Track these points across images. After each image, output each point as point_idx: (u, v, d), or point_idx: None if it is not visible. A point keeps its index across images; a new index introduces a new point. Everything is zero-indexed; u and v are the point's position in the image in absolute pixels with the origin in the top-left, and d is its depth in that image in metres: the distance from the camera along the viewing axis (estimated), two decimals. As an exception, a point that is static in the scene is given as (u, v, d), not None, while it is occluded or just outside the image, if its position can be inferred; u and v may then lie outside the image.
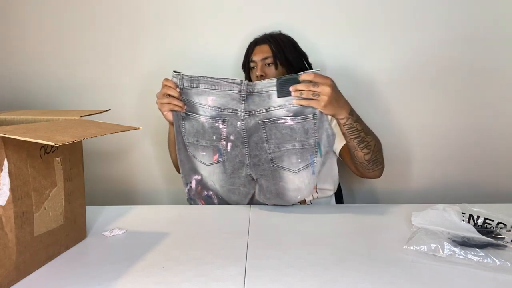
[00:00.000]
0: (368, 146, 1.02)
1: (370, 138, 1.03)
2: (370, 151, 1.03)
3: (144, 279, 0.70)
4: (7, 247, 0.67)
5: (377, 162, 1.08)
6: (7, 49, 1.70)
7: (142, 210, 1.12)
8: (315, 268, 0.73)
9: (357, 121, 1.00)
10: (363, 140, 1.01)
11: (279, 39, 1.31)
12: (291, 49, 1.31)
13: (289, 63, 1.29)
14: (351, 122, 0.98)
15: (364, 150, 1.03)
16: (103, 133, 0.71)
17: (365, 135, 1.01)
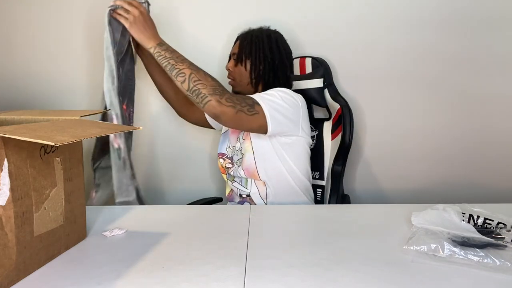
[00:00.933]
0: (181, 74, 1.08)
1: (182, 66, 1.08)
2: (185, 79, 1.07)
3: (144, 279, 0.70)
4: (7, 247, 0.67)
5: (198, 92, 1.07)
6: (7, 49, 1.70)
7: (142, 210, 1.12)
8: (315, 268, 0.73)
9: (167, 50, 1.11)
10: (174, 67, 1.08)
11: (252, 36, 1.32)
12: (258, 48, 1.30)
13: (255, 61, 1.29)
14: (159, 50, 1.11)
15: (178, 78, 1.08)
16: (103, 133, 0.71)
17: (175, 62, 1.09)
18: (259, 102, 1.14)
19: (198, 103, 1.09)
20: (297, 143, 1.28)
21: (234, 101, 1.10)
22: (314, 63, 1.53)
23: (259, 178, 1.28)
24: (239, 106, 1.10)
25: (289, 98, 1.23)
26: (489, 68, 1.58)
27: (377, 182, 1.71)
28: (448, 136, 1.64)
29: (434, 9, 1.56)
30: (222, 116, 1.09)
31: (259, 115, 1.13)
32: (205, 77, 1.10)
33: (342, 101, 1.45)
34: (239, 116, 1.10)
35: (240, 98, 1.13)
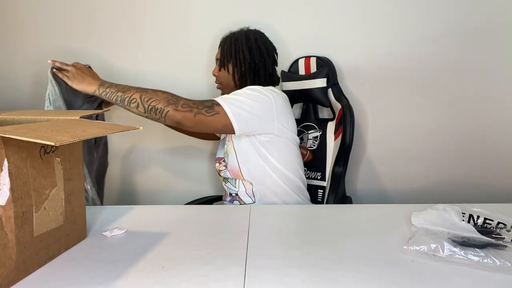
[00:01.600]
0: (133, 100, 1.11)
1: (130, 93, 1.11)
2: (138, 103, 1.10)
3: (144, 279, 0.70)
4: (7, 247, 0.67)
5: (155, 109, 1.09)
6: (7, 49, 1.70)
7: (142, 210, 1.12)
8: (315, 268, 0.73)
9: (110, 86, 1.15)
10: (123, 97, 1.12)
11: (231, 40, 1.33)
12: (237, 50, 1.31)
13: (236, 64, 1.31)
14: (103, 89, 1.15)
15: (131, 105, 1.12)
16: (103, 133, 0.71)
17: (122, 93, 1.12)
18: (219, 102, 1.15)
19: (158, 119, 1.11)
20: (277, 140, 1.25)
21: (190, 105, 1.12)
22: (319, 63, 1.53)
23: (243, 178, 1.28)
24: (196, 109, 1.12)
25: (256, 94, 1.20)
26: (489, 69, 1.58)
27: (378, 182, 1.71)
28: (449, 136, 1.64)
29: (437, 12, 1.56)
30: (183, 122, 1.11)
31: (220, 115, 1.14)
32: (155, 94, 1.12)
33: (344, 101, 1.45)
34: (199, 118, 1.12)
35: (197, 101, 1.14)
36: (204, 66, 1.64)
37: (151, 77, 1.68)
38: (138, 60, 1.67)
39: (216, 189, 1.75)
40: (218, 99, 1.17)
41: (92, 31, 1.66)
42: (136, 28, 1.65)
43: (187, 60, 1.66)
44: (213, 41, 1.63)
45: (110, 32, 1.66)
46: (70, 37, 1.67)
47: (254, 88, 1.23)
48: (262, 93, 1.22)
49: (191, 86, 1.68)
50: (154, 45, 1.66)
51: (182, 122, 1.11)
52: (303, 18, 1.60)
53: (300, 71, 1.57)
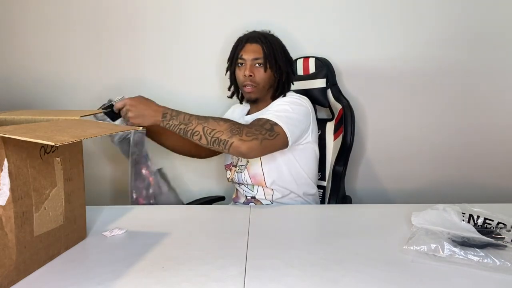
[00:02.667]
0: (196, 133, 1.07)
1: (192, 125, 1.08)
2: (201, 136, 1.07)
3: (144, 279, 0.70)
4: (7, 247, 0.67)
5: (219, 141, 1.06)
6: (7, 49, 1.70)
7: (142, 210, 1.12)
8: (315, 268, 0.73)
9: (172, 119, 1.10)
10: (186, 130, 1.08)
11: (271, 41, 1.30)
12: (281, 53, 1.30)
13: (278, 67, 1.28)
14: (166, 123, 1.10)
15: (194, 137, 1.08)
16: (103, 133, 0.71)
17: (185, 126, 1.08)
18: (277, 122, 1.13)
19: (222, 150, 1.08)
20: (308, 146, 1.28)
21: (254, 132, 1.08)
22: (318, 64, 1.53)
23: (266, 186, 1.28)
24: (261, 135, 1.08)
25: (300, 108, 1.23)
26: (489, 70, 1.58)
27: (378, 182, 1.71)
28: (449, 136, 1.64)
29: (437, 12, 1.56)
30: (250, 153, 1.08)
31: (280, 135, 1.13)
32: (217, 124, 1.08)
33: (344, 101, 1.45)
34: (265, 144, 1.09)
35: (257, 126, 1.11)
36: (213, 69, 1.64)
37: (160, 81, 1.68)
38: (162, 60, 1.67)
39: (217, 189, 1.75)
40: (273, 118, 1.14)
41: (95, 32, 1.66)
42: (142, 29, 1.65)
43: (191, 62, 1.66)
44: (211, 44, 1.63)
45: (114, 33, 1.66)
46: (70, 37, 1.67)
47: (295, 101, 1.24)
48: (302, 104, 1.24)
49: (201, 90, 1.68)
50: (157, 48, 1.66)
51: (247, 153, 1.08)
52: (301, 19, 1.60)
53: (298, 72, 1.57)
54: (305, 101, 1.28)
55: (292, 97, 1.27)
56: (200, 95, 1.68)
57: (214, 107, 1.69)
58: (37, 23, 1.67)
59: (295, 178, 1.28)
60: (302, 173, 1.29)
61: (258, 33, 1.31)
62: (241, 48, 1.29)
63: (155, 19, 1.64)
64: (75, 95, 1.70)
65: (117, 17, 1.65)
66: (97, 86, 1.69)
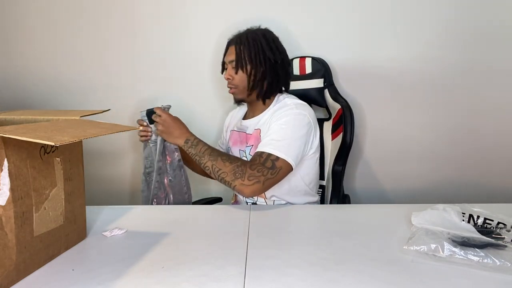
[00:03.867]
0: (206, 167, 1.15)
1: (205, 160, 1.15)
2: (210, 171, 1.14)
3: (144, 279, 0.70)
4: (7, 247, 0.67)
5: (224, 181, 1.11)
6: (7, 49, 1.70)
7: (142, 210, 1.12)
8: (315, 268, 0.73)
9: (191, 147, 1.18)
10: (200, 161, 1.16)
11: (249, 39, 1.26)
12: (258, 51, 1.25)
13: (252, 66, 1.25)
14: (187, 149, 1.19)
15: (206, 170, 1.16)
16: (103, 133, 0.71)
17: (199, 158, 1.16)
18: (278, 155, 1.12)
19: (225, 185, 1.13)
20: (310, 158, 1.26)
21: (255, 175, 1.09)
22: (314, 64, 1.53)
23: (265, 197, 1.28)
24: (263, 177, 1.09)
25: (302, 129, 1.19)
26: (489, 69, 1.58)
27: (377, 182, 1.71)
28: (448, 136, 1.64)
29: (435, 12, 1.56)
30: (253, 195, 1.11)
31: (283, 168, 1.12)
32: (223, 164, 1.12)
33: (343, 102, 1.45)
34: (267, 184, 1.10)
35: (259, 166, 1.10)
36: (208, 68, 1.64)
37: (154, 79, 1.68)
38: (162, 60, 1.67)
39: (217, 190, 1.75)
40: (274, 152, 1.12)
41: (95, 33, 1.66)
42: (143, 30, 1.65)
43: (190, 63, 1.66)
44: (208, 42, 1.63)
45: (114, 34, 1.66)
46: (71, 38, 1.67)
47: (296, 118, 1.20)
48: (304, 121, 1.20)
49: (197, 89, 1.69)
50: (156, 48, 1.66)
51: (251, 195, 1.11)
52: (298, 18, 1.60)
53: (295, 72, 1.57)
54: (306, 109, 1.23)
55: (292, 110, 1.21)
56: (200, 94, 1.69)
57: (214, 106, 1.70)
58: (39, 24, 1.67)
59: (294, 190, 1.27)
60: (301, 184, 1.27)
61: (239, 34, 1.30)
62: (225, 52, 1.32)
63: (155, 22, 1.64)
64: (76, 95, 1.70)
65: (121, 17, 1.65)
66: (97, 87, 1.70)
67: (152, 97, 1.68)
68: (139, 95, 1.69)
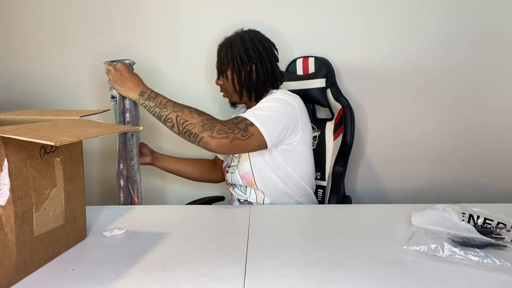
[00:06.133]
0: (169, 119, 1.07)
1: (167, 112, 1.08)
2: (173, 124, 1.07)
3: (144, 279, 0.70)
4: (7, 247, 0.67)
5: (189, 133, 1.06)
6: (7, 49, 1.70)
7: (142, 210, 1.12)
8: (315, 268, 0.73)
9: (148, 99, 1.11)
10: (161, 115, 1.09)
11: (227, 44, 1.28)
12: (234, 54, 1.25)
13: (233, 70, 1.26)
14: (142, 102, 1.12)
15: (167, 124, 1.09)
16: (103, 133, 0.71)
17: (159, 110, 1.08)
18: (253, 121, 1.11)
19: (192, 142, 1.08)
20: (298, 148, 1.24)
21: (226, 130, 1.07)
22: (317, 63, 1.53)
23: (257, 187, 1.27)
24: (232, 134, 1.07)
25: (284, 106, 1.18)
26: (490, 69, 1.58)
27: (378, 182, 1.71)
28: (448, 136, 1.64)
29: (437, 12, 1.56)
30: (218, 149, 1.07)
31: (255, 136, 1.10)
32: (191, 116, 1.07)
33: (344, 101, 1.45)
34: (235, 143, 1.07)
35: (231, 124, 1.09)
36: (204, 70, 1.64)
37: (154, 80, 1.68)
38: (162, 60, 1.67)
39: (217, 189, 1.75)
40: (250, 118, 1.11)
41: (95, 32, 1.66)
42: (143, 29, 1.65)
43: (187, 64, 1.67)
44: (212, 44, 1.63)
45: (114, 33, 1.66)
46: (70, 38, 1.67)
47: (279, 98, 1.20)
48: (288, 102, 1.20)
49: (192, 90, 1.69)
50: (155, 49, 1.66)
51: (216, 150, 1.07)
52: (300, 18, 1.60)
53: (298, 71, 1.57)
54: (293, 98, 1.22)
55: (277, 95, 1.23)
56: (201, 94, 1.69)
57: (215, 110, 1.70)
58: (38, 24, 1.67)
59: (285, 182, 1.25)
60: (293, 176, 1.26)
61: (223, 39, 1.32)
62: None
63: (154, 20, 1.64)
64: (76, 95, 1.70)
65: (121, 17, 1.65)
66: (97, 87, 1.69)
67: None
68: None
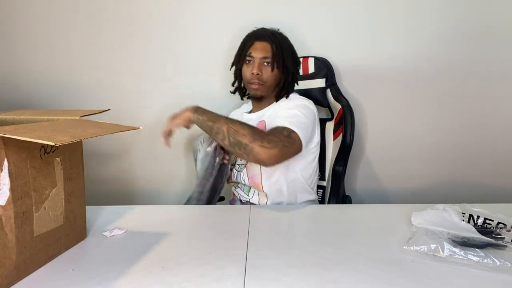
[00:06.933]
0: (220, 132, 1.08)
1: (219, 124, 1.09)
2: (224, 136, 1.07)
3: (144, 279, 0.70)
4: (7, 247, 0.67)
5: (240, 144, 1.06)
6: (7, 50, 1.70)
7: (142, 210, 1.12)
8: (315, 268, 0.73)
9: (202, 114, 1.12)
10: (212, 127, 1.09)
11: (280, 40, 1.29)
12: (289, 53, 1.29)
13: (286, 67, 1.28)
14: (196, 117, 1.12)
15: (218, 136, 1.09)
16: (103, 133, 0.71)
17: (212, 123, 1.10)
18: (293, 129, 1.13)
19: (242, 154, 1.08)
20: (310, 151, 1.27)
21: (274, 140, 1.08)
22: (317, 63, 1.53)
23: (262, 190, 1.27)
24: (281, 143, 1.08)
25: (310, 113, 1.23)
26: (489, 69, 1.58)
27: (377, 182, 1.71)
28: (448, 136, 1.64)
29: (436, 12, 1.56)
30: (269, 160, 1.07)
31: (296, 142, 1.13)
32: (241, 127, 1.08)
33: (344, 101, 1.45)
34: (283, 151, 1.09)
35: (276, 133, 1.11)
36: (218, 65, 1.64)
37: (155, 79, 1.68)
38: (163, 60, 1.67)
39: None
40: (290, 126, 1.13)
41: (97, 31, 1.66)
42: (146, 26, 1.65)
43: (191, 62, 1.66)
44: (211, 45, 1.63)
45: (116, 32, 1.66)
46: (72, 38, 1.67)
47: (305, 105, 1.24)
48: (310, 109, 1.24)
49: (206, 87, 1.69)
50: (157, 48, 1.66)
51: (266, 160, 1.07)
52: (300, 18, 1.60)
53: (298, 71, 1.57)
54: (311, 103, 1.27)
55: (299, 101, 1.26)
56: (205, 93, 1.68)
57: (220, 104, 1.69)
58: (39, 24, 1.67)
59: (291, 185, 1.26)
60: (300, 179, 1.27)
61: (268, 31, 1.30)
62: (250, 45, 1.28)
63: (159, 16, 1.64)
64: (76, 95, 1.70)
65: (119, 15, 1.65)
66: (97, 87, 1.69)
67: (152, 96, 1.68)
68: (139, 95, 1.69)
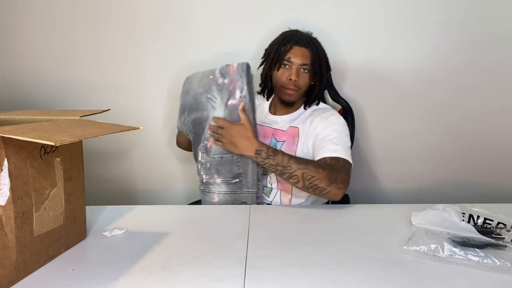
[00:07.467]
0: (293, 176, 1.08)
1: (291, 169, 1.07)
2: (298, 180, 1.07)
3: (144, 279, 0.70)
4: (7, 247, 0.67)
5: (316, 187, 1.07)
6: (7, 49, 1.70)
7: (142, 210, 1.12)
8: (315, 268, 0.73)
9: (268, 158, 1.09)
10: (283, 172, 1.08)
11: (317, 46, 1.28)
12: (324, 61, 1.28)
13: (321, 74, 1.27)
14: (261, 160, 1.10)
15: (291, 180, 1.09)
16: (103, 133, 0.71)
17: (283, 168, 1.08)
18: (350, 161, 1.18)
19: (317, 194, 1.10)
20: None
21: (345, 179, 1.12)
22: (315, 64, 1.53)
23: (291, 193, 1.25)
24: (347, 181, 1.13)
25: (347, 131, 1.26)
26: (490, 70, 1.58)
27: (378, 182, 1.71)
28: (448, 136, 1.64)
29: (437, 13, 1.56)
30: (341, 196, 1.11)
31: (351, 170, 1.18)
32: (316, 171, 1.08)
33: (343, 102, 1.45)
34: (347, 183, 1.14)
35: (342, 169, 1.13)
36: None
37: (156, 79, 1.68)
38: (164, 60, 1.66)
39: (216, 189, 1.74)
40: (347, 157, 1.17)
41: (99, 32, 1.66)
42: (148, 27, 1.65)
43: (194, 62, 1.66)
44: (215, 40, 1.62)
45: (118, 32, 1.66)
46: (73, 38, 1.67)
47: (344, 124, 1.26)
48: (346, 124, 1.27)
49: None
50: (158, 47, 1.66)
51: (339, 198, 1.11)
52: (298, 19, 1.60)
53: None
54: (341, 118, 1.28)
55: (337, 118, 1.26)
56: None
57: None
58: (39, 24, 1.67)
59: None
60: None
61: (305, 35, 1.28)
62: (289, 49, 1.24)
63: (159, 16, 1.64)
64: (76, 95, 1.70)
65: (120, 15, 1.64)
66: (97, 87, 1.69)
67: (153, 96, 1.68)
68: (139, 95, 1.69)
